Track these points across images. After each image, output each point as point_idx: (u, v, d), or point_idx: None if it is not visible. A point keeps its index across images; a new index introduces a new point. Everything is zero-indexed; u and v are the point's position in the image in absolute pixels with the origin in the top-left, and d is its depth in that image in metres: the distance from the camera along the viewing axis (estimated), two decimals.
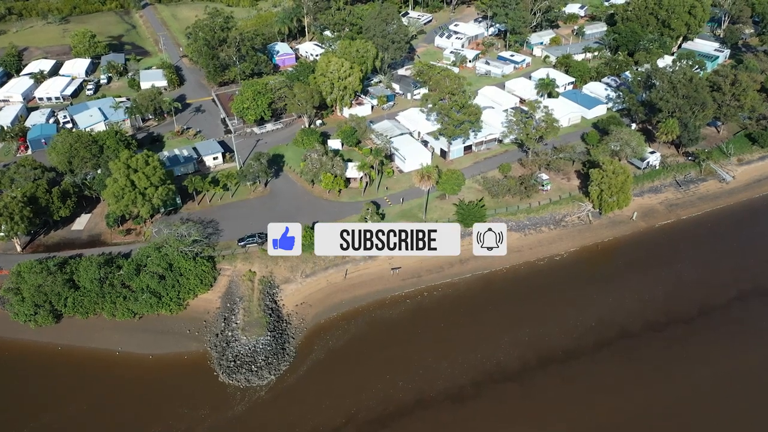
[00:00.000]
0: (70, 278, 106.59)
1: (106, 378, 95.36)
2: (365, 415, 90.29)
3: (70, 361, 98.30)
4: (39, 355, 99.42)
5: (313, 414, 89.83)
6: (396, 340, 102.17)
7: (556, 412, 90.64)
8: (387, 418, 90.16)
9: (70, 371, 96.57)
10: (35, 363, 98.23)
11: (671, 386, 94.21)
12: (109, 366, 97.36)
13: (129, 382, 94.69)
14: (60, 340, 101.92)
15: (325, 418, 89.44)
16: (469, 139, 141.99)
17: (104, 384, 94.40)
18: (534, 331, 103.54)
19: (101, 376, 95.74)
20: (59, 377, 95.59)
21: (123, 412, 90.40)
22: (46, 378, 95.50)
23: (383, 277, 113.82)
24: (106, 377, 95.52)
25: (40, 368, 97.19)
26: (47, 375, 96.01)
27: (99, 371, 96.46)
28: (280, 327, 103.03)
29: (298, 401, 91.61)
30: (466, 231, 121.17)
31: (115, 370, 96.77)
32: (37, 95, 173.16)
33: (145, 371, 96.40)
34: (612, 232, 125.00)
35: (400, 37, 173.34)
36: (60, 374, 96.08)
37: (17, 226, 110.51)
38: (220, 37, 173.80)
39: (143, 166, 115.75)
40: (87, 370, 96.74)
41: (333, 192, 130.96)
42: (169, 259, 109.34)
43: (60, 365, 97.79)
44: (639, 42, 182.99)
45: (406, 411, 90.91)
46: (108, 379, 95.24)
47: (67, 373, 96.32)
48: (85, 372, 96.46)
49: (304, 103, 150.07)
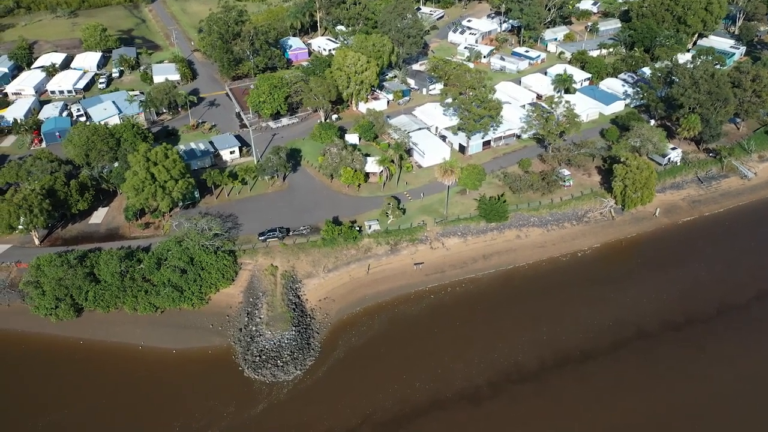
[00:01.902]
0: (91, 272, 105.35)
1: (130, 372, 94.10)
2: (381, 416, 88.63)
3: (93, 356, 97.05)
4: (61, 349, 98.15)
5: (330, 414, 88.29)
6: (416, 338, 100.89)
7: (573, 413, 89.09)
8: (403, 418, 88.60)
9: (94, 365, 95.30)
10: (57, 357, 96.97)
11: (690, 387, 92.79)
12: (132, 360, 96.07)
13: (153, 376, 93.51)
14: (81, 334, 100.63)
15: (342, 418, 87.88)
16: (488, 135, 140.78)
17: (128, 378, 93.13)
18: (552, 330, 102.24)
19: (125, 370, 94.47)
20: (82, 371, 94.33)
21: (149, 405, 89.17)
22: (69, 372, 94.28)
23: (406, 272, 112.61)
24: (130, 371, 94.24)
25: (62, 362, 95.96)
26: (70, 369, 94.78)
27: (122, 365, 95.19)
28: (304, 322, 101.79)
29: (316, 401, 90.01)
30: (488, 226, 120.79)
31: (138, 364, 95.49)
32: (49, 88, 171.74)
33: (169, 365, 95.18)
34: (635, 229, 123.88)
35: (415, 32, 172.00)
36: (83, 368, 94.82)
37: (36, 219, 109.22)
38: (234, 31, 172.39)
39: (163, 159, 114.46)
40: (110, 365, 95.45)
41: (352, 187, 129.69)
42: (191, 253, 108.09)
43: (83, 359, 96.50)
44: (655, 38, 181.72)
45: (422, 412, 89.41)
46: (132, 373, 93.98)
47: (90, 367, 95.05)
48: (109, 366, 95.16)
49: (321, 98, 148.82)
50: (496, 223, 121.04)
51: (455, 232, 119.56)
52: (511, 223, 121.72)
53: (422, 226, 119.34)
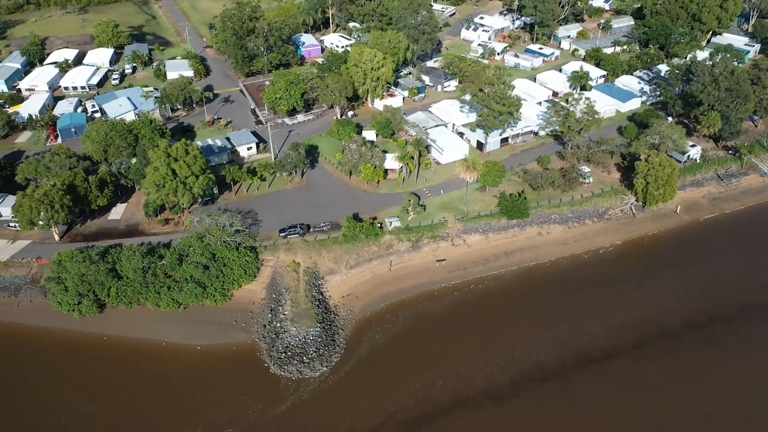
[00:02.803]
0: (113, 268, 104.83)
1: (156, 368, 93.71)
2: (403, 416, 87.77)
3: (117, 352, 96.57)
4: (85, 345, 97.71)
5: (353, 413, 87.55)
6: (438, 335, 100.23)
7: (595, 412, 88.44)
8: (425, 418, 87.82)
9: (118, 361, 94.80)
10: (81, 353, 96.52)
11: (712, 386, 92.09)
12: (157, 356, 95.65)
13: (179, 372, 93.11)
14: (105, 330, 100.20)
15: (364, 417, 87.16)
16: (506, 132, 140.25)
17: (154, 374, 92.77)
18: (573, 328, 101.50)
19: (150, 366, 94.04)
20: (107, 367, 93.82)
21: (176, 402, 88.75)
22: (93, 368, 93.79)
23: (429, 269, 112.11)
24: (156, 367, 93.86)
25: (87, 358, 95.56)
26: (95, 365, 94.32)
27: (147, 361, 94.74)
28: (328, 318, 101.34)
29: (339, 400, 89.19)
30: (509, 223, 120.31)
31: (163, 360, 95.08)
32: (62, 84, 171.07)
33: (195, 362, 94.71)
34: (656, 226, 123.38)
35: (430, 28, 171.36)
36: (108, 364, 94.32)
37: (57, 215, 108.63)
38: (248, 27, 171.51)
39: (183, 155, 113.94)
40: (135, 361, 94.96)
41: (371, 183, 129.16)
42: (212, 249, 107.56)
43: (107, 355, 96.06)
44: (670, 36, 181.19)
45: (444, 411, 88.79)
46: (157, 369, 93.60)
47: (114, 363, 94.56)
48: (134, 362, 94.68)
49: (337, 94, 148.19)
50: (517, 220, 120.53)
51: (476, 229, 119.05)
52: (531, 220, 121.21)
53: (443, 223, 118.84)
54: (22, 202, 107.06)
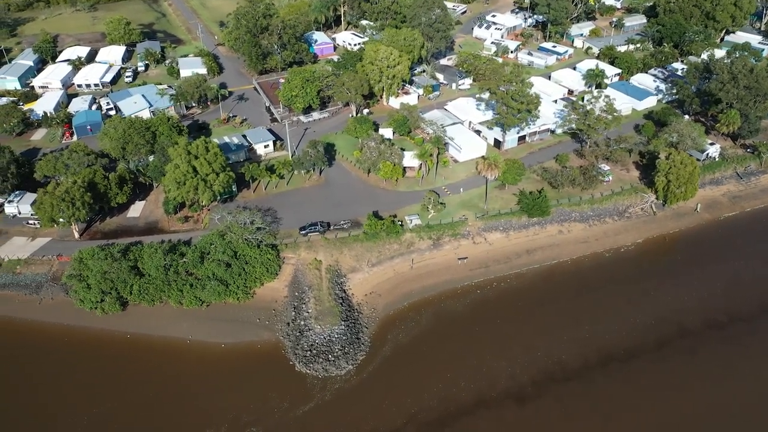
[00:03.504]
0: (134, 265, 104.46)
1: (180, 366, 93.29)
2: (426, 416, 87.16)
3: (141, 349, 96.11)
4: (108, 343, 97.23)
5: (376, 413, 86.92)
6: (461, 335, 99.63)
7: (618, 413, 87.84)
8: (448, 418, 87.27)
9: (142, 359, 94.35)
10: (105, 350, 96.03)
11: (734, 386, 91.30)
12: (181, 354, 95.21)
13: (204, 370, 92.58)
14: (128, 328, 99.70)
15: (387, 418, 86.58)
16: (523, 130, 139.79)
17: (179, 372, 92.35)
18: (595, 327, 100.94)
19: (175, 364, 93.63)
20: (131, 364, 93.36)
21: (201, 399, 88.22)
22: (118, 365, 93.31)
23: (450, 267, 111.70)
24: (180, 365, 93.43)
25: (111, 356, 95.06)
26: (119, 362, 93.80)
27: (172, 359, 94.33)
28: (352, 316, 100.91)
29: (362, 399, 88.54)
30: (530, 221, 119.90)
31: (188, 358, 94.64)
32: (76, 82, 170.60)
33: (219, 360, 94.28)
34: (677, 224, 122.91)
35: (445, 26, 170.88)
36: (132, 361, 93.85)
37: (78, 212, 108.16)
38: (262, 25, 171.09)
39: (204, 152, 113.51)
40: (159, 358, 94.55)
41: (389, 181, 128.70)
42: (234, 247, 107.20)
43: (131, 353, 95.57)
44: (684, 34, 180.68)
45: (467, 411, 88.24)
46: (182, 367, 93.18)
47: (139, 360, 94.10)
48: (158, 360, 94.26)
49: (353, 92, 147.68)
50: (537, 218, 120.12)
51: (497, 227, 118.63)
52: (552, 218, 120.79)
53: (464, 221, 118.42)
54: (43, 200, 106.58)
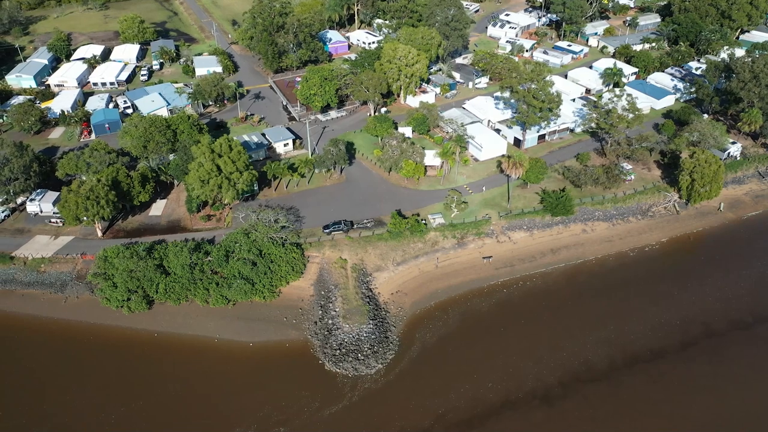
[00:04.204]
0: (160, 264, 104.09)
1: (209, 365, 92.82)
2: (454, 417, 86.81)
3: (169, 348, 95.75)
4: (135, 342, 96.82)
5: (404, 413, 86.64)
6: (487, 334, 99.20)
7: (647, 414, 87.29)
8: (475, 419, 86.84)
9: (171, 358, 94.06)
10: (134, 349, 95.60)
11: (764, 387, 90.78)
12: (209, 353, 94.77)
13: (232, 369, 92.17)
14: (155, 327, 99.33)
15: (414, 418, 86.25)
16: (543, 128, 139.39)
17: (208, 371, 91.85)
18: (620, 328, 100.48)
19: (203, 363, 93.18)
20: (160, 363, 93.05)
21: (231, 398, 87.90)
22: (146, 364, 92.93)
23: (475, 266, 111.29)
24: (208, 364, 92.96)
25: (139, 354, 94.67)
26: (147, 361, 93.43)
27: (200, 358, 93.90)
28: (379, 315, 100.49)
29: (390, 400, 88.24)
30: (553, 220, 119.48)
31: (216, 357, 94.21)
32: (91, 80, 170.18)
33: (248, 359, 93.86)
34: (700, 223, 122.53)
35: (461, 24, 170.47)
36: (160, 360, 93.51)
37: (103, 210, 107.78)
38: (278, 23, 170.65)
39: (227, 151, 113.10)
40: (187, 357, 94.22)
41: (410, 180, 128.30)
42: (259, 246, 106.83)
43: (159, 352, 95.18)
44: (700, 33, 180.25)
45: (494, 412, 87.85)
46: (211, 365, 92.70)
47: (167, 359, 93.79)
48: (186, 359, 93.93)
49: (373, 90, 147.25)
50: (560, 217, 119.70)
51: (521, 226, 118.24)
52: (575, 217, 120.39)
53: (487, 220, 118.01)
54: (68, 198, 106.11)
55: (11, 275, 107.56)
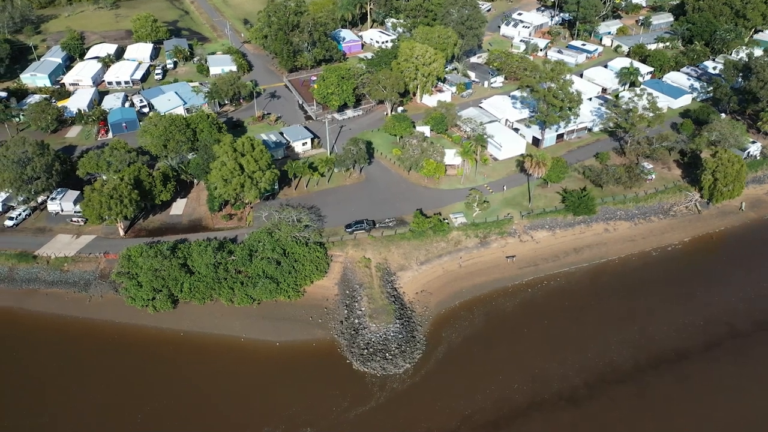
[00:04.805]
0: (184, 263, 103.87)
1: (235, 364, 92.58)
2: (480, 418, 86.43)
3: (196, 347, 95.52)
4: (162, 341, 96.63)
5: (429, 414, 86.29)
6: (512, 335, 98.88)
7: (674, 415, 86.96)
8: (502, 420, 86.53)
9: (197, 357, 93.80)
10: (159, 348, 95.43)
11: None
12: (236, 352, 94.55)
13: (259, 369, 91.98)
14: (180, 326, 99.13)
15: (440, 420, 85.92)
16: (562, 127, 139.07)
17: (234, 370, 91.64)
18: (644, 328, 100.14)
19: (230, 362, 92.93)
20: (187, 362, 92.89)
21: (258, 398, 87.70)
22: (173, 363, 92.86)
23: (499, 265, 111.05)
24: (235, 363, 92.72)
25: (165, 354, 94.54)
26: (174, 360, 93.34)
27: (227, 358, 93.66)
28: (405, 315, 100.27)
29: (416, 401, 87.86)
30: (575, 220, 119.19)
31: (243, 356, 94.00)
32: (106, 79, 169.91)
33: (275, 358, 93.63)
34: (723, 223, 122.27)
35: (477, 24, 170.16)
36: (187, 359, 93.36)
37: (126, 209, 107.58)
38: (293, 22, 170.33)
39: (250, 150, 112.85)
40: (214, 356, 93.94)
41: (431, 179, 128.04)
42: (282, 245, 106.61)
43: (185, 351, 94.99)
44: (715, 32, 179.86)
45: (520, 413, 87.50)
46: (238, 365, 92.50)
47: (194, 358, 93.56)
48: (212, 358, 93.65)
49: (390, 90, 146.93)
50: (582, 217, 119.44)
51: (543, 225, 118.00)
52: (597, 216, 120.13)
53: (509, 219, 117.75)
54: (91, 197, 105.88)
55: (34, 274, 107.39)
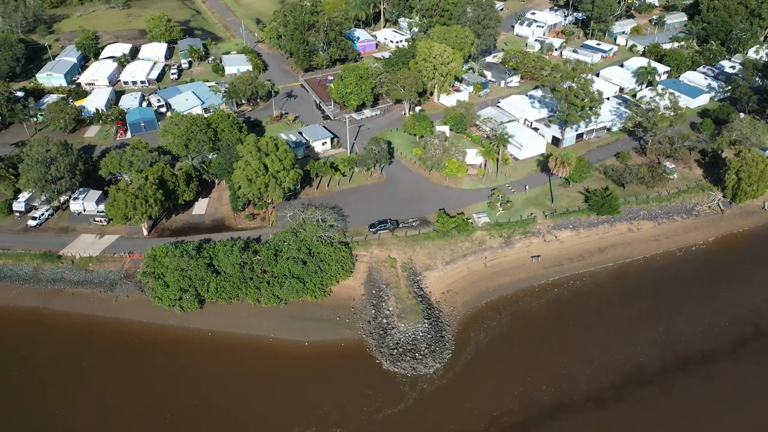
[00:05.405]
0: (210, 263, 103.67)
1: (264, 364, 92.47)
2: (508, 420, 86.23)
3: (224, 347, 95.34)
4: (190, 341, 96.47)
5: (458, 416, 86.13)
6: (539, 336, 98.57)
7: (703, 415, 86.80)
8: (530, 421, 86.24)
9: (226, 357, 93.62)
10: (187, 348, 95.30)
11: None
12: (265, 352, 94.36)
13: (289, 369, 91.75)
14: (207, 326, 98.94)
15: (468, 422, 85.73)
16: (581, 127, 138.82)
17: (264, 370, 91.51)
18: (669, 329, 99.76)
19: (259, 362, 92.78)
20: (215, 363, 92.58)
21: (288, 398, 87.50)
22: (202, 363, 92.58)
23: (524, 265, 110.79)
24: (264, 363, 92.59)
25: (193, 353, 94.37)
26: (203, 360, 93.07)
27: (256, 358, 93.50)
28: (433, 315, 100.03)
29: (444, 402, 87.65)
30: (598, 219, 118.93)
31: (272, 356, 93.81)
32: (122, 79, 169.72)
33: (304, 358, 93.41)
34: (746, 222, 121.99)
35: (494, 23, 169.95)
36: (216, 359, 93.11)
37: (151, 209, 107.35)
38: (310, 22, 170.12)
39: (274, 149, 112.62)
40: (243, 356, 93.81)
41: (452, 179, 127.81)
42: (308, 245, 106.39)
43: (214, 351, 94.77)
44: (730, 32, 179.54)
45: (548, 414, 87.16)
46: (266, 365, 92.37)
47: (222, 358, 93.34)
48: (241, 358, 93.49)
49: (408, 89, 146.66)
50: (605, 216, 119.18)
51: (566, 225, 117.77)
52: (620, 216, 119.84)
53: (533, 219, 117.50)
54: (116, 197, 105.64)
55: (60, 274, 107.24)
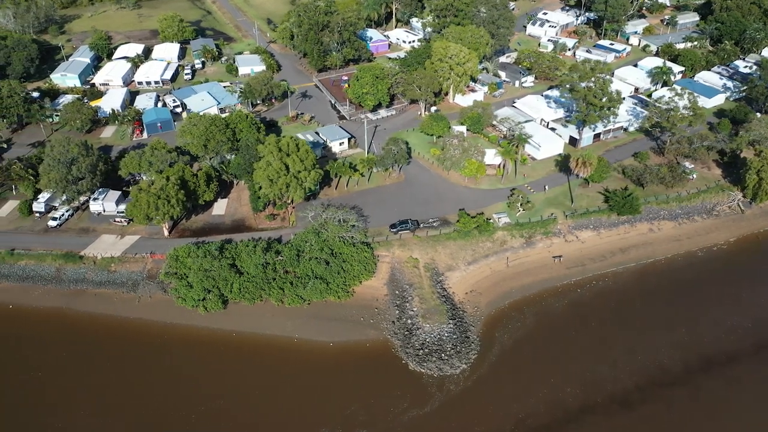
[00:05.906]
0: (233, 263, 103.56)
1: (290, 364, 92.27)
2: (533, 422, 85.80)
3: (249, 348, 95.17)
4: (214, 341, 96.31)
5: (482, 418, 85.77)
6: (563, 337, 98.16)
7: (729, 417, 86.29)
8: (555, 423, 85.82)
9: (251, 357, 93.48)
10: (212, 348, 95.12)
11: None
12: (290, 353, 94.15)
13: (314, 369, 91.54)
14: (231, 327, 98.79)
15: (493, 424, 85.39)
16: (599, 127, 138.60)
17: (290, 370, 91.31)
18: (692, 330, 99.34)
19: (284, 362, 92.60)
20: (240, 363, 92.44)
21: (314, 398, 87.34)
22: (226, 364, 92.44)
23: (546, 265, 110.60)
24: (290, 364, 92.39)
25: (219, 354, 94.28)
26: (228, 360, 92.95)
27: (282, 358, 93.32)
28: (457, 315, 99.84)
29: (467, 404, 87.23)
30: (619, 219, 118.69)
31: (298, 357, 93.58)
32: (136, 79, 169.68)
33: (329, 359, 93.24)
34: (767, 222, 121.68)
35: (508, 23, 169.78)
36: (241, 360, 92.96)
37: (173, 209, 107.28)
38: (324, 22, 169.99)
39: (294, 150, 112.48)
40: (268, 357, 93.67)
41: (471, 179, 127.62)
42: (330, 245, 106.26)
43: (239, 351, 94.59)
44: (744, 31, 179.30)
45: (573, 417, 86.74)
46: (292, 365, 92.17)
47: (248, 358, 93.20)
48: (267, 358, 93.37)
49: (425, 89, 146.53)
50: (626, 216, 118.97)
51: (587, 225, 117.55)
52: (641, 216, 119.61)
53: (554, 219, 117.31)
54: (139, 197, 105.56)
55: (82, 275, 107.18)
